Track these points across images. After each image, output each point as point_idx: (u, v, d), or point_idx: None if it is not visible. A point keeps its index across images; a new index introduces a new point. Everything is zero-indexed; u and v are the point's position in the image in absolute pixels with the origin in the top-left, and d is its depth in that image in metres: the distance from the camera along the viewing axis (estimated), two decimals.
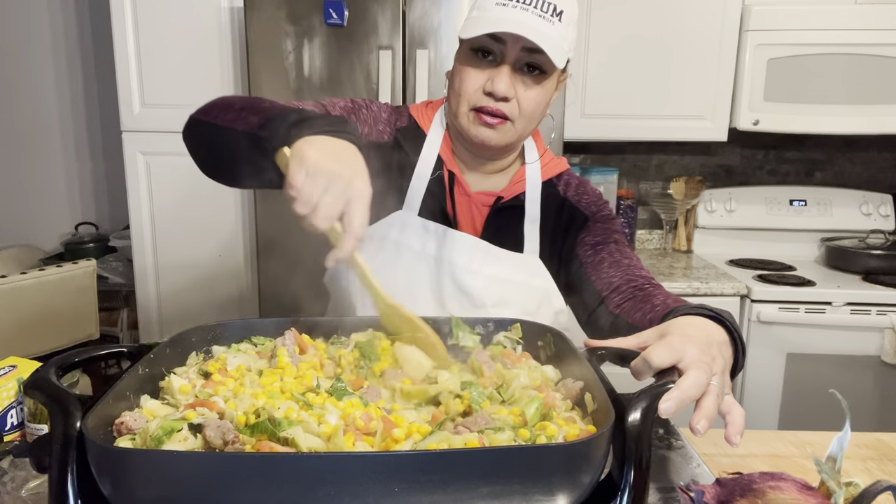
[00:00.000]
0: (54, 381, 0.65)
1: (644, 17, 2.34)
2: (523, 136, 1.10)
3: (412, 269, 1.10)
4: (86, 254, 2.63)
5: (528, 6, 0.98)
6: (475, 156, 1.13)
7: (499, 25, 0.98)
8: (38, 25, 2.85)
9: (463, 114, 1.06)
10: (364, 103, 1.14)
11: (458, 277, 1.09)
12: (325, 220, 0.73)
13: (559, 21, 1.00)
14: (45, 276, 1.84)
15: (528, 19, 0.98)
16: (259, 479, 0.52)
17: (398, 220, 1.11)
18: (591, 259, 1.13)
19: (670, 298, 0.98)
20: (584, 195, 1.19)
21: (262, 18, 2.00)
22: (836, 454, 0.67)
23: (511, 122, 1.05)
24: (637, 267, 1.11)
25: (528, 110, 1.04)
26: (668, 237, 2.79)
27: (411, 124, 1.16)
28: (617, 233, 1.16)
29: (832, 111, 2.32)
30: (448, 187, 1.12)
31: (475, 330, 0.94)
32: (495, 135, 1.05)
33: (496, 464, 0.55)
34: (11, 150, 2.95)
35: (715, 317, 0.82)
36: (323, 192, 0.72)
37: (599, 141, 2.69)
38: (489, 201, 1.14)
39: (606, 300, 1.08)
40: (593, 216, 1.17)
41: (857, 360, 2.15)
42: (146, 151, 2.29)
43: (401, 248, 1.10)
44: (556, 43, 0.99)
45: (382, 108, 1.16)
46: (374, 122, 1.13)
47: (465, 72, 1.04)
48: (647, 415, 0.63)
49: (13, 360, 0.96)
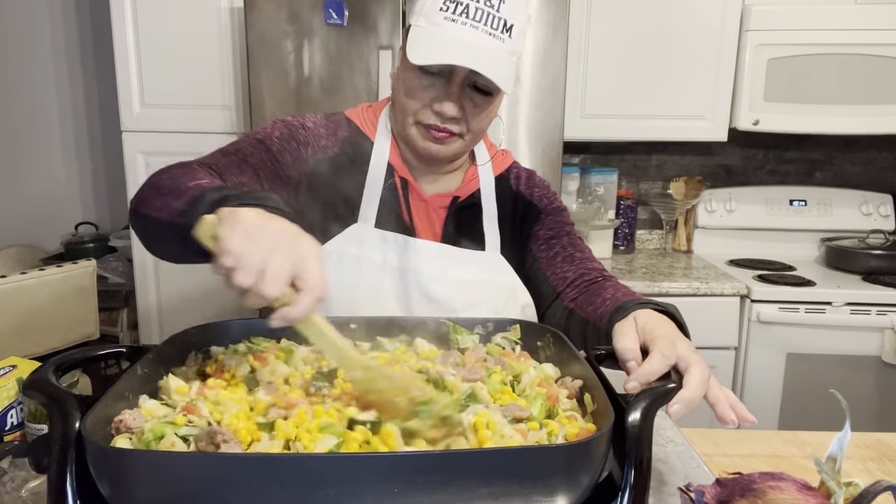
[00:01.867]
0: (54, 381, 0.65)
1: (644, 17, 2.33)
2: (471, 146, 1.09)
3: (376, 283, 1.07)
4: (86, 254, 2.62)
5: (477, 23, 0.94)
6: (424, 163, 1.12)
7: (449, 53, 0.94)
8: (39, 25, 2.85)
9: (409, 125, 1.04)
10: (299, 122, 1.10)
11: (424, 286, 1.07)
12: (274, 288, 0.63)
13: (509, 37, 0.96)
14: (45, 276, 1.83)
15: (478, 38, 0.94)
16: (259, 479, 0.52)
17: (355, 233, 1.07)
18: (545, 254, 1.14)
19: (619, 291, 0.99)
20: (535, 187, 1.20)
21: (262, 18, 2.00)
22: (836, 454, 0.67)
23: (459, 136, 1.04)
24: (589, 259, 1.13)
25: (476, 127, 1.04)
26: (668, 237, 2.79)
27: (353, 132, 1.12)
28: (568, 224, 1.18)
29: (832, 111, 2.32)
30: (402, 194, 1.10)
31: (474, 331, 0.94)
32: (444, 148, 1.05)
33: (496, 464, 0.55)
34: (12, 150, 2.94)
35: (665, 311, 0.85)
36: (268, 253, 0.63)
37: (599, 141, 2.69)
38: (446, 203, 1.13)
39: (561, 295, 1.10)
40: (545, 209, 1.18)
41: (857, 360, 2.15)
42: (146, 151, 2.29)
43: (361, 263, 1.06)
44: (504, 63, 0.96)
45: (318, 121, 1.11)
46: (316, 139, 1.09)
47: (412, 89, 1.01)
48: (648, 415, 0.63)
49: (13, 360, 0.96)
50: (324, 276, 0.66)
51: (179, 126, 2.26)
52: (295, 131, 1.08)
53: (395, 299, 1.08)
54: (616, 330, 0.81)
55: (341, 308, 1.04)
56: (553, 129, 2.07)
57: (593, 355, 0.81)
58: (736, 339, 2.22)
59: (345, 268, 1.06)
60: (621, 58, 2.36)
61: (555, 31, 2.01)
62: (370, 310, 1.04)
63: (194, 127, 2.26)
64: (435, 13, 0.96)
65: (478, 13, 0.94)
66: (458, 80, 0.99)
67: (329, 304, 1.06)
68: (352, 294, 1.06)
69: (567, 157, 2.80)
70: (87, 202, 3.02)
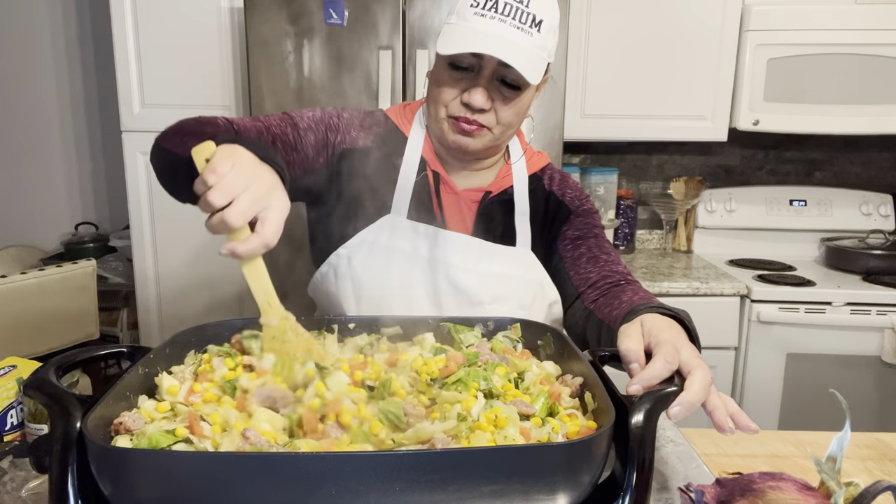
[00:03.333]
0: (54, 381, 0.65)
1: (644, 18, 2.34)
2: (502, 140, 1.10)
3: (405, 272, 1.10)
4: (86, 254, 2.63)
5: (506, 17, 0.97)
6: (456, 157, 1.14)
7: (475, 43, 0.97)
8: (39, 25, 2.85)
9: (441, 119, 1.07)
10: (336, 112, 1.14)
11: (452, 277, 1.10)
12: (238, 218, 0.69)
13: (538, 31, 0.99)
14: (45, 276, 1.83)
15: (506, 32, 0.97)
16: (259, 478, 0.52)
17: (387, 223, 1.10)
18: (571, 254, 1.15)
19: (637, 295, 1.00)
20: (568, 189, 1.21)
21: (262, 18, 2.00)
22: (836, 454, 0.67)
23: (489, 130, 1.06)
24: (614, 262, 1.13)
25: (506, 120, 1.05)
26: (668, 237, 2.79)
27: (390, 127, 1.16)
28: (597, 227, 1.19)
29: (832, 111, 2.32)
30: (434, 187, 1.13)
31: (475, 329, 0.94)
32: (472, 141, 1.06)
33: (497, 463, 0.55)
34: (12, 150, 2.94)
35: (674, 315, 0.85)
36: (244, 189, 0.70)
37: (599, 141, 2.69)
38: (477, 197, 1.15)
39: (583, 296, 1.10)
40: (576, 210, 1.19)
41: (857, 360, 2.15)
42: (146, 151, 2.26)
43: (392, 252, 1.10)
44: (532, 57, 0.98)
45: (355, 114, 1.15)
46: (347, 129, 1.12)
47: (443, 82, 1.04)
48: (651, 417, 0.63)
49: (13, 360, 0.96)
50: (280, 228, 0.72)
51: None
52: (328, 117, 1.12)
53: (423, 289, 1.10)
54: (621, 332, 0.81)
55: (372, 296, 1.09)
56: (553, 129, 2.08)
57: (597, 356, 0.81)
58: (736, 339, 2.22)
59: (376, 257, 1.09)
60: (621, 58, 2.37)
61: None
62: (399, 300, 1.09)
63: None
64: (466, 9, 0.99)
65: (507, 8, 0.97)
66: (487, 74, 1.01)
67: (360, 293, 1.10)
68: (382, 283, 1.10)
69: (567, 157, 2.81)
70: (87, 202, 3.02)
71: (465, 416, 0.66)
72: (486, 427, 0.65)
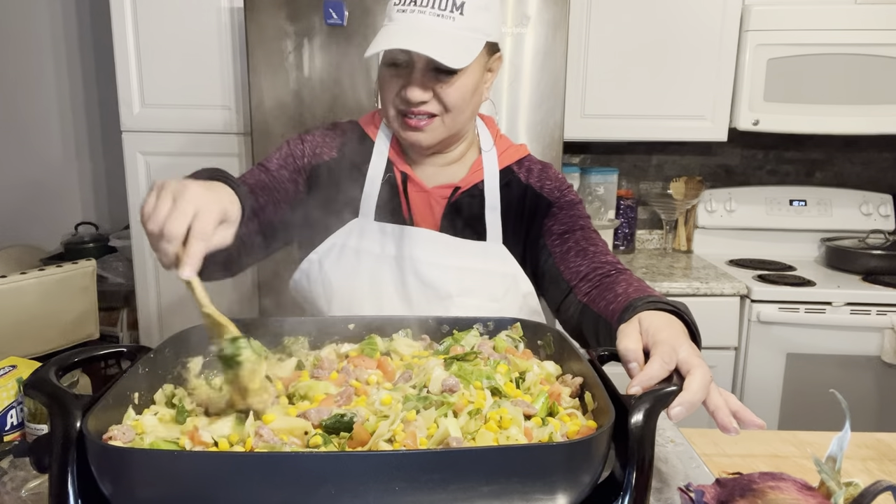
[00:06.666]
0: (54, 381, 0.65)
1: (644, 18, 2.33)
2: (457, 127, 1.11)
3: (374, 272, 1.12)
4: (86, 254, 2.62)
5: (424, 7, 1.00)
6: (419, 154, 1.16)
7: (391, 40, 1.00)
8: (39, 25, 2.85)
9: (392, 118, 1.10)
10: (298, 138, 1.19)
11: (420, 272, 1.11)
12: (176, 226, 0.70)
13: (461, 14, 1.00)
14: (45, 276, 1.83)
15: (426, 22, 1.00)
16: (259, 478, 0.52)
17: (356, 226, 1.13)
18: (559, 248, 1.15)
19: (632, 286, 1.00)
20: (547, 181, 1.20)
21: (262, 18, 2.00)
22: (836, 454, 0.67)
23: (439, 118, 1.07)
24: (603, 252, 1.13)
25: (451, 104, 1.06)
26: (668, 237, 2.79)
27: (357, 135, 1.19)
28: (582, 218, 1.18)
29: (832, 111, 2.32)
30: (402, 187, 1.15)
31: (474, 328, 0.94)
32: (424, 135, 1.09)
33: (496, 463, 0.55)
34: (12, 150, 2.94)
35: (673, 310, 0.85)
36: (171, 207, 0.71)
37: (599, 141, 2.69)
38: (447, 193, 1.15)
39: (575, 289, 1.10)
40: (557, 202, 1.18)
41: (857, 360, 2.15)
42: (146, 151, 2.29)
43: (361, 254, 1.12)
44: (455, 40, 1.00)
45: (317, 132, 1.20)
46: (312, 149, 1.18)
47: (384, 81, 1.09)
48: (650, 417, 0.63)
49: (13, 360, 0.96)
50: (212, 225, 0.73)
51: (179, 126, 2.26)
52: (292, 147, 1.18)
53: (393, 288, 1.12)
54: (620, 331, 0.81)
55: (342, 297, 1.11)
56: (553, 129, 2.07)
57: (597, 355, 0.81)
58: (736, 340, 2.22)
59: (345, 259, 1.12)
60: (621, 58, 2.36)
61: (555, 31, 2.01)
62: (369, 299, 1.11)
63: (194, 127, 2.26)
64: (391, 9, 1.04)
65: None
66: (420, 66, 1.03)
67: (331, 295, 1.12)
68: (352, 284, 1.12)
69: (567, 157, 2.80)
70: (87, 202, 3.02)
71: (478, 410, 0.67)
72: (491, 427, 0.65)
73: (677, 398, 0.67)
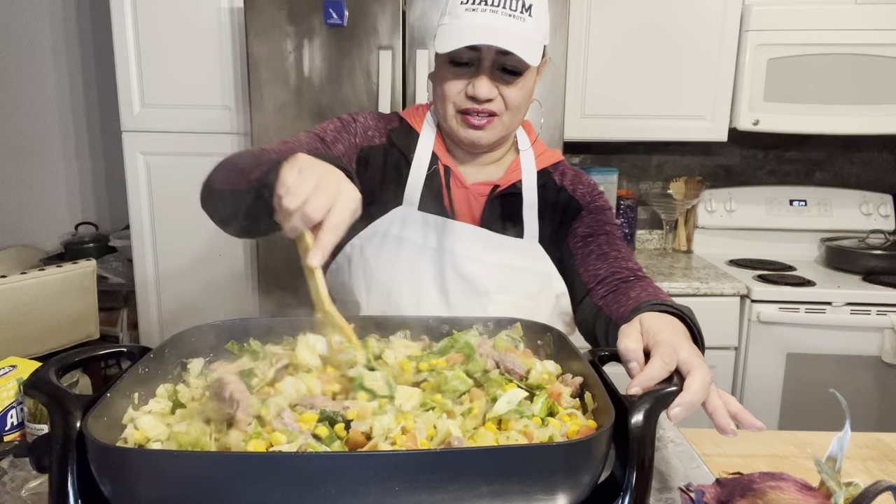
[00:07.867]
0: (54, 381, 0.65)
1: (644, 17, 2.34)
2: (512, 127, 1.13)
3: (415, 262, 1.13)
4: (86, 254, 2.63)
5: (497, 7, 1.00)
6: (467, 152, 1.17)
7: (472, 36, 1.00)
8: (39, 26, 2.85)
9: (451, 117, 1.10)
10: (351, 117, 1.19)
11: (459, 266, 1.12)
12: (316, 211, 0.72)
13: (529, 16, 1.02)
14: (45, 276, 1.84)
15: (499, 21, 1.00)
16: (259, 478, 0.52)
17: (399, 215, 1.13)
18: (581, 251, 1.16)
19: (645, 292, 1.00)
20: (580, 185, 1.22)
21: (262, 18, 2.00)
22: (836, 454, 0.67)
23: (499, 118, 1.08)
24: (625, 258, 1.14)
25: (514, 104, 1.08)
26: (668, 237, 2.79)
27: (403, 126, 1.20)
28: (609, 224, 1.19)
29: (832, 111, 2.32)
30: (444, 181, 1.16)
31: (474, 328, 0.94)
32: (484, 134, 1.10)
33: (497, 463, 0.55)
34: (12, 150, 2.94)
35: (677, 313, 0.86)
36: (314, 189, 0.73)
37: (599, 141, 2.69)
38: (486, 191, 1.17)
39: (592, 292, 1.11)
40: (587, 206, 1.19)
41: (857, 360, 2.15)
42: (146, 151, 2.29)
43: (403, 243, 1.13)
44: (528, 41, 1.01)
45: (369, 116, 1.20)
46: (364, 130, 1.18)
47: (446, 79, 1.08)
48: (650, 417, 0.63)
49: (13, 360, 0.96)
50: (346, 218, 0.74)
51: (179, 126, 2.26)
52: (347, 125, 1.17)
53: (431, 279, 1.13)
54: (621, 331, 0.82)
55: (381, 287, 1.12)
56: (553, 129, 2.08)
57: (597, 355, 0.81)
58: (736, 340, 2.22)
59: (387, 247, 1.13)
60: (621, 58, 2.36)
61: (555, 31, 2.01)
62: (407, 291, 1.13)
63: (194, 127, 2.26)
64: (456, 7, 1.03)
65: None
66: (487, 65, 1.04)
67: (370, 283, 1.14)
68: (392, 272, 1.13)
69: (567, 157, 2.79)
70: (87, 202, 3.02)
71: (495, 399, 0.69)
72: (492, 427, 0.65)
73: (677, 398, 0.67)
